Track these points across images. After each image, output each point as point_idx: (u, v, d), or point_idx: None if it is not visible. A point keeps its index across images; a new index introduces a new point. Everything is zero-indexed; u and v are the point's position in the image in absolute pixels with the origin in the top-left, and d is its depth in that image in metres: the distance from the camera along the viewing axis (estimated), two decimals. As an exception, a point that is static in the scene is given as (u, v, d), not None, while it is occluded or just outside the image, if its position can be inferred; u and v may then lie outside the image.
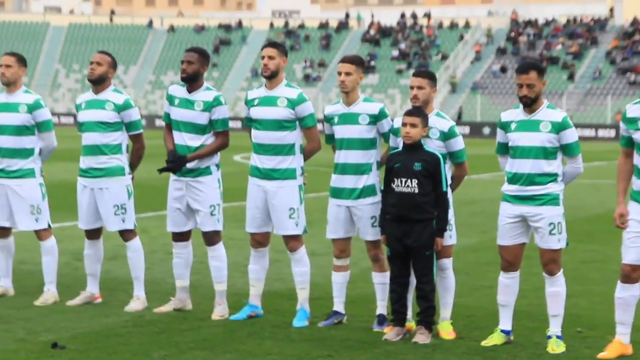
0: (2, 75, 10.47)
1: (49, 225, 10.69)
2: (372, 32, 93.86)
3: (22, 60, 10.69)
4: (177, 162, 9.72)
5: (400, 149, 9.04)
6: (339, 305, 9.70)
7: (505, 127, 8.77)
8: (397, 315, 9.02)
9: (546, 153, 8.49)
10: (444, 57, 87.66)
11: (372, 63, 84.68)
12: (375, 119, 9.32)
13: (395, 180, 8.86)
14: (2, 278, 10.77)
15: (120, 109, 10.19)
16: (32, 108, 10.45)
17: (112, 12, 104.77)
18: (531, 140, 8.51)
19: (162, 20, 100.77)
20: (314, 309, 9.79)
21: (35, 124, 10.48)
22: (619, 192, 8.39)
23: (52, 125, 10.71)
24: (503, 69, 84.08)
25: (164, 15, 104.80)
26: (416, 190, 8.75)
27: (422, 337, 8.82)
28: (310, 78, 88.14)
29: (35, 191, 10.51)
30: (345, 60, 9.51)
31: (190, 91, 9.90)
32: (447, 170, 9.14)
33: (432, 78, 9.24)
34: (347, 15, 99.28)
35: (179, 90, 10.01)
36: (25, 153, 10.49)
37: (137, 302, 10.30)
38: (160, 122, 12.48)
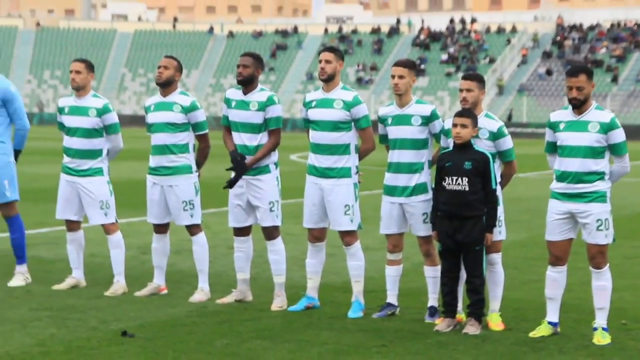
0: (72, 81, 10.64)
1: (116, 220, 10.84)
2: (422, 36, 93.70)
3: (90, 66, 10.83)
4: (238, 170, 9.80)
5: (451, 148, 9.04)
6: (392, 298, 9.68)
7: (554, 127, 8.72)
8: (448, 307, 9.02)
9: (594, 152, 8.43)
10: (492, 61, 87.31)
11: (422, 66, 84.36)
12: (427, 120, 9.30)
13: (447, 178, 8.86)
14: (74, 270, 10.91)
15: (187, 110, 10.28)
16: (101, 112, 10.59)
17: (175, 20, 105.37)
18: (580, 140, 8.45)
19: (222, 27, 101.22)
20: (368, 301, 9.78)
21: (103, 127, 10.62)
22: None
23: (119, 128, 10.85)
24: (549, 72, 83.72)
25: (223, 22, 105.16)
26: (466, 188, 8.75)
27: (472, 328, 8.80)
28: (363, 81, 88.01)
29: (103, 188, 10.64)
30: (398, 63, 9.49)
31: (245, 93, 9.97)
32: (497, 169, 9.11)
33: (480, 81, 9.24)
34: (398, 21, 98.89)
35: (236, 93, 10.09)
36: (95, 154, 10.63)
37: (201, 293, 10.37)
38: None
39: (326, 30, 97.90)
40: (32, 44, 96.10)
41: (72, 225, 10.84)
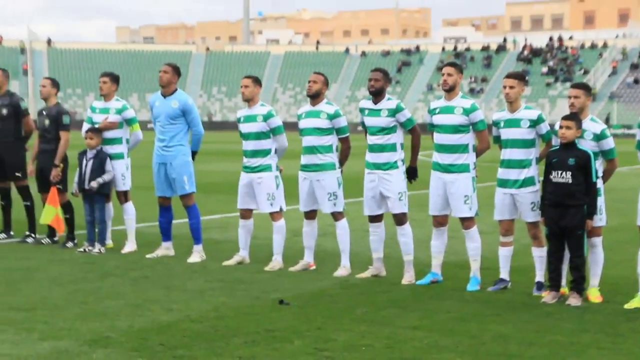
0: (242, 94, 10.81)
1: (281, 209, 10.91)
2: (525, 52, 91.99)
3: (257, 81, 10.99)
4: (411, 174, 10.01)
5: (557, 146, 8.91)
6: (504, 274, 9.54)
7: None
8: (553, 282, 8.91)
9: None
10: (586, 72, 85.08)
11: (526, 78, 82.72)
12: (535, 123, 9.16)
13: (553, 172, 8.75)
14: (241, 249, 11.04)
15: (331, 117, 10.29)
16: (266, 117, 10.70)
17: (318, 42, 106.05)
18: None
19: (356, 48, 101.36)
20: (483, 277, 9.67)
21: (269, 130, 10.73)
22: None
23: (282, 129, 10.95)
24: (636, 81, 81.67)
25: (357, 44, 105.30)
26: (570, 181, 8.63)
27: (574, 300, 8.65)
28: (475, 91, 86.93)
29: (271, 182, 10.74)
30: (509, 75, 9.43)
31: (376, 102, 9.95)
32: (599, 165, 8.94)
33: (587, 89, 9.13)
34: (505, 40, 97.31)
35: (367, 103, 10.10)
36: (264, 153, 10.75)
37: (344, 269, 10.37)
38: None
39: (443, 49, 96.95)
40: (203, 65, 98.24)
41: (246, 214, 10.99)
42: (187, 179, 11.27)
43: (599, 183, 8.93)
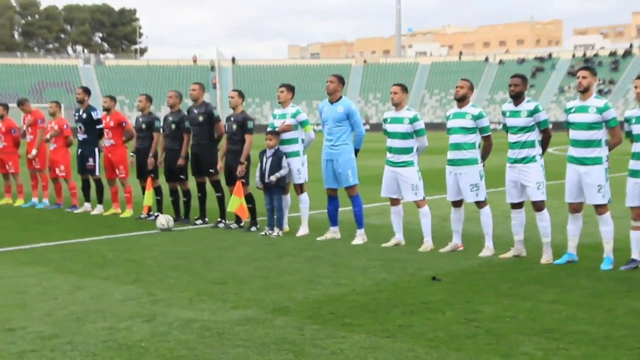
0: (392, 99, 10.74)
1: (424, 197, 10.81)
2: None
3: (405, 89, 10.88)
4: None
5: None
6: (636, 255, 9.05)
7: None
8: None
9: None
10: None
11: (651, 79, 78.41)
12: None
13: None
14: (396, 233, 10.99)
15: (476, 118, 10.08)
16: (412, 120, 10.61)
17: (460, 53, 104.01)
18: None
19: (494, 57, 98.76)
20: (616, 257, 9.21)
21: (414, 131, 10.61)
22: None
23: (425, 131, 10.79)
24: None
25: (496, 53, 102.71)
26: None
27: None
28: (603, 92, 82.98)
29: (414, 175, 10.62)
30: None
31: (516, 104, 9.66)
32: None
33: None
34: (631, 45, 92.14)
35: (509, 106, 9.81)
36: (408, 150, 10.63)
37: (488, 250, 10.14)
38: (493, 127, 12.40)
39: (573, 55, 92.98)
40: (361, 76, 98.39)
41: (394, 201, 10.95)
42: (351, 173, 11.30)
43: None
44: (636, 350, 6.15)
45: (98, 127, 14.63)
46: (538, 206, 9.73)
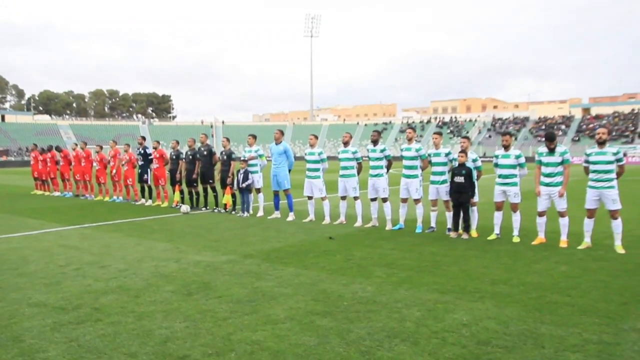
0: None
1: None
2: None
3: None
4: None
5: None
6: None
7: None
8: None
9: None
10: None
11: None
12: None
13: None
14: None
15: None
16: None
17: (344, 119, 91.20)
18: None
19: (362, 122, 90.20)
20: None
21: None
22: None
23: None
24: None
25: (362, 120, 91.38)
26: None
27: None
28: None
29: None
30: None
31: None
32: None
33: None
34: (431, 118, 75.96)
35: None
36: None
37: (359, 223, 9.67)
38: None
39: (402, 123, 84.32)
40: (292, 130, 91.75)
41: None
42: (286, 182, 10.71)
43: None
44: (435, 270, 6.29)
45: (149, 157, 14.68)
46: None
